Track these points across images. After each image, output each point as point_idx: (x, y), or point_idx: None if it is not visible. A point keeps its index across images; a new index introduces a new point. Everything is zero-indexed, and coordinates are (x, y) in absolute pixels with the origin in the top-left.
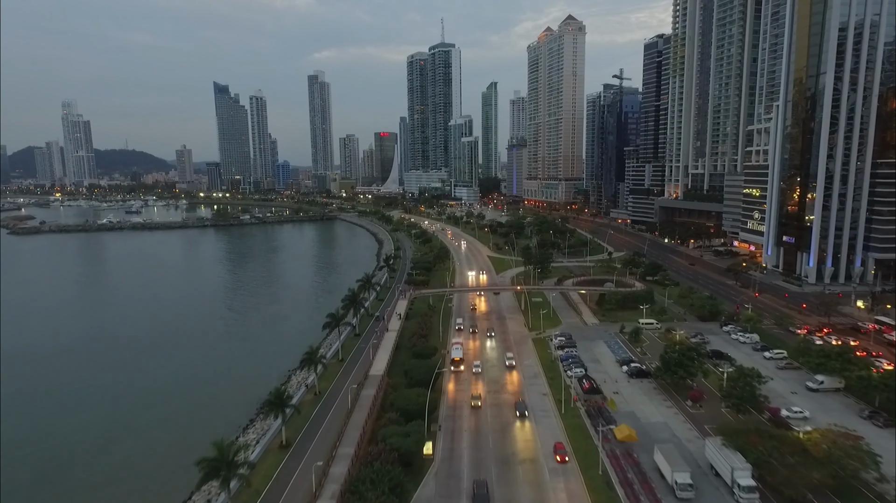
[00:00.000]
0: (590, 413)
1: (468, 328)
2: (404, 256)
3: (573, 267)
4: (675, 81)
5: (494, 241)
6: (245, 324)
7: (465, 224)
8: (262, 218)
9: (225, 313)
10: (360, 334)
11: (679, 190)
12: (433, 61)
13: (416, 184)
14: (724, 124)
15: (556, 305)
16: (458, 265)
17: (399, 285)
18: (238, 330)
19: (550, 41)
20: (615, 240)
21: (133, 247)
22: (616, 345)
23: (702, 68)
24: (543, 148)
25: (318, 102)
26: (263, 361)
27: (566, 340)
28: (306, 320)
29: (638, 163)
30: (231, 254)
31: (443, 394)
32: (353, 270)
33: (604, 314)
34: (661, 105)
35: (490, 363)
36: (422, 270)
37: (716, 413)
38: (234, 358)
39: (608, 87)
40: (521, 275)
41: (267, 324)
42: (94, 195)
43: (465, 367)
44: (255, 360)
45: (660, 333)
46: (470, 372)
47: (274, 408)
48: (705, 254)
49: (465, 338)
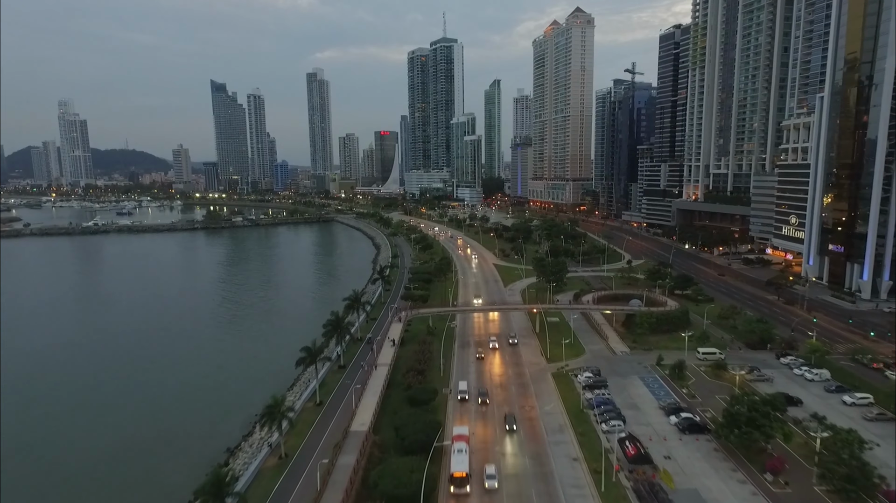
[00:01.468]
0: (640, 493)
1: (474, 393)
2: (402, 265)
3: (589, 277)
4: (694, 74)
5: (500, 247)
6: (216, 353)
7: (469, 227)
8: (255, 220)
9: (195, 337)
10: (344, 366)
11: (699, 191)
12: (434, 57)
13: (416, 184)
14: (751, 120)
15: (576, 327)
16: (462, 275)
17: (394, 304)
18: (206, 361)
19: (557, 35)
20: (631, 245)
21: (115, 252)
22: (655, 382)
23: (725, 59)
24: (550, 147)
25: (316, 100)
26: (233, 400)
27: (595, 377)
28: (287, 345)
29: (653, 162)
30: (216, 261)
31: (443, 466)
32: (346, 280)
33: (634, 340)
34: (678, 100)
35: (513, 475)
36: (421, 283)
37: (807, 493)
38: (194, 403)
39: (619, 82)
40: (532, 287)
41: (241, 352)
42: (88, 196)
43: (473, 483)
44: (220, 405)
45: (707, 366)
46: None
47: (212, 497)
48: (733, 262)
49: (472, 414)
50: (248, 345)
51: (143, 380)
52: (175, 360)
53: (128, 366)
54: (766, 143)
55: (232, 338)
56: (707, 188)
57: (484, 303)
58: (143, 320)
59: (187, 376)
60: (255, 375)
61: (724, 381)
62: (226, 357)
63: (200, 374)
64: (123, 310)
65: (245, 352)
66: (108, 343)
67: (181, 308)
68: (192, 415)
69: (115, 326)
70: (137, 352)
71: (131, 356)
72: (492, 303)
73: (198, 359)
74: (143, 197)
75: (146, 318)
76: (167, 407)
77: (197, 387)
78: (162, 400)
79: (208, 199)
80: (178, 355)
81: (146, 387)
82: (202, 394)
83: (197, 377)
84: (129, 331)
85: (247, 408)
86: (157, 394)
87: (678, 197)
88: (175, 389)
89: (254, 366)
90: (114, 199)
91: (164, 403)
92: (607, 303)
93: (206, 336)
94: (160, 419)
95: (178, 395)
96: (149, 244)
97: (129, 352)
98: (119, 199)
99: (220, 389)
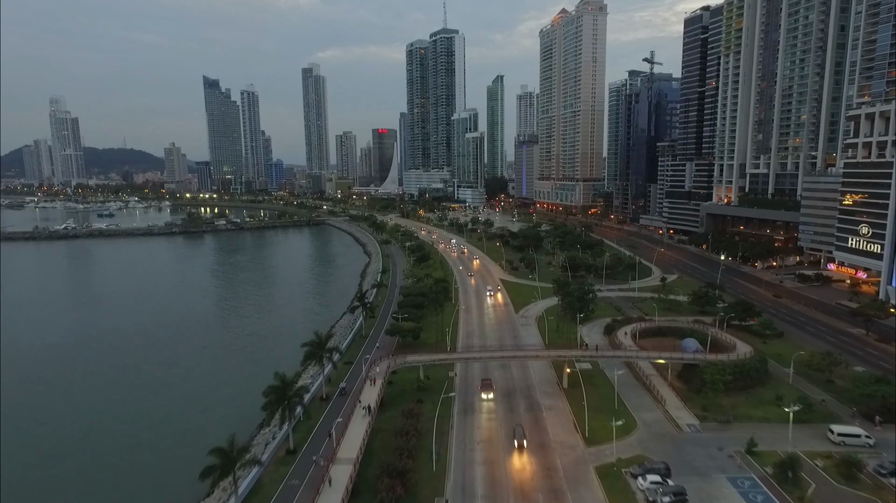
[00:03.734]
0: None
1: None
2: (392, 282)
3: (617, 298)
4: (727, 60)
5: (508, 258)
6: (143, 418)
7: (471, 232)
8: (239, 224)
9: (127, 391)
10: (295, 451)
11: (732, 193)
12: (434, 49)
13: (415, 184)
14: (798, 111)
15: (616, 378)
16: (464, 292)
17: (377, 341)
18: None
19: (566, 24)
20: (654, 254)
21: (70, 264)
22: (754, 489)
23: (766, 42)
24: (558, 144)
25: (312, 97)
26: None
27: (661, 483)
28: (209, 426)
29: (676, 160)
30: (184, 275)
31: None
32: (327, 299)
33: (704, 407)
34: (706, 91)
35: None
36: (412, 309)
37: None
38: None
39: (634, 73)
40: (551, 313)
41: (179, 411)
42: (75, 196)
43: None
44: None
45: (829, 463)
46: None
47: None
48: (785, 278)
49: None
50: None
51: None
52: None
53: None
54: (818, 138)
55: (177, 392)
56: (742, 190)
57: (493, 345)
58: (44, 367)
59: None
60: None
61: (865, 494)
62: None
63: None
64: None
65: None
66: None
67: (119, 340)
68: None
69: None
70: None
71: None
72: (501, 343)
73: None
74: (131, 197)
75: (48, 364)
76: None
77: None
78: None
79: (198, 200)
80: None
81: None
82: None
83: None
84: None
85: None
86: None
87: (707, 199)
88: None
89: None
90: (101, 200)
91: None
92: (651, 340)
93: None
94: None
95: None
96: (116, 252)
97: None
98: (107, 199)
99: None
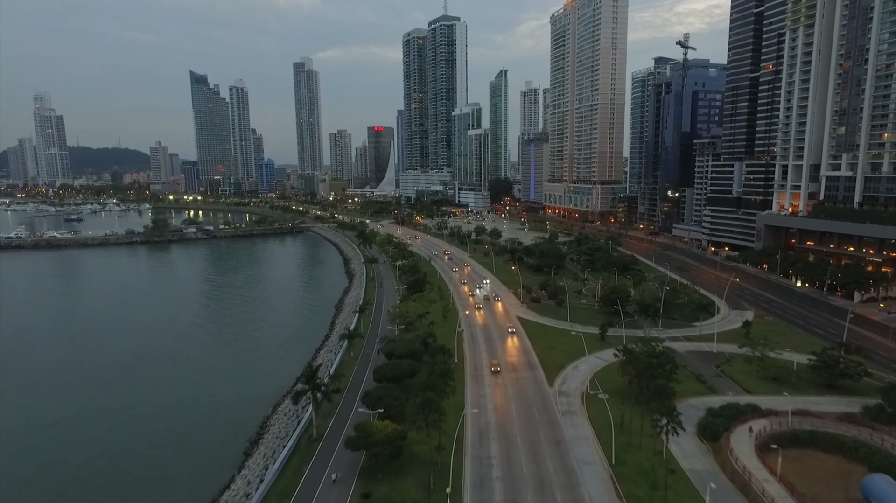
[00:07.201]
0: None
1: None
2: (375, 321)
3: (689, 355)
4: (796, 36)
5: (525, 284)
6: None
7: (475, 244)
8: (211, 232)
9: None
10: None
11: (801, 200)
12: (433, 38)
13: (413, 186)
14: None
15: None
16: (470, 340)
17: (326, 467)
18: None
19: (582, 6)
20: (703, 278)
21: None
22: None
23: (853, 10)
24: (571, 142)
25: (304, 94)
26: None
27: None
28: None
29: (720, 161)
30: (123, 303)
31: None
32: (285, 347)
33: None
34: (760, 77)
35: None
36: (391, 386)
37: None
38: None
39: (661, 61)
40: (601, 380)
41: None
42: (53, 197)
43: None
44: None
45: None
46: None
47: None
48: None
49: None
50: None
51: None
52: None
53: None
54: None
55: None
56: (815, 196)
57: (527, 474)
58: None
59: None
60: None
61: None
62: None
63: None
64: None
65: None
66: None
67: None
68: None
69: None
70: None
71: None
72: (538, 467)
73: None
74: (111, 199)
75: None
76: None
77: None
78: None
79: (181, 202)
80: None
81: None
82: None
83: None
84: None
85: None
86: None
87: (764, 208)
88: None
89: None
90: (79, 202)
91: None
92: (792, 454)
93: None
94: None
95: None
96: (55, 267)
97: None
98: (86, 200)
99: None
